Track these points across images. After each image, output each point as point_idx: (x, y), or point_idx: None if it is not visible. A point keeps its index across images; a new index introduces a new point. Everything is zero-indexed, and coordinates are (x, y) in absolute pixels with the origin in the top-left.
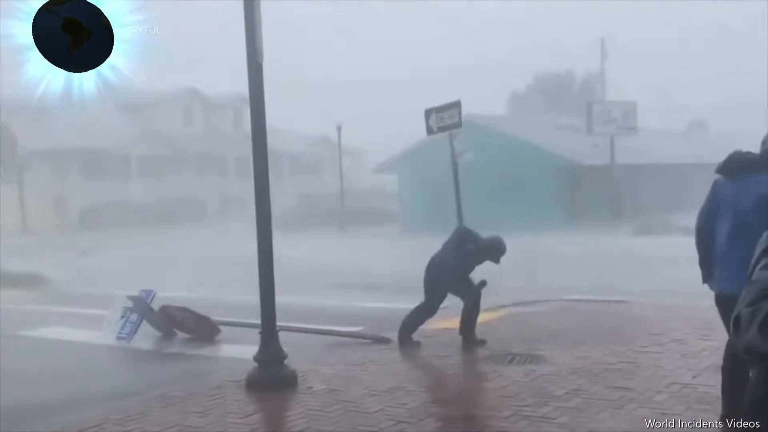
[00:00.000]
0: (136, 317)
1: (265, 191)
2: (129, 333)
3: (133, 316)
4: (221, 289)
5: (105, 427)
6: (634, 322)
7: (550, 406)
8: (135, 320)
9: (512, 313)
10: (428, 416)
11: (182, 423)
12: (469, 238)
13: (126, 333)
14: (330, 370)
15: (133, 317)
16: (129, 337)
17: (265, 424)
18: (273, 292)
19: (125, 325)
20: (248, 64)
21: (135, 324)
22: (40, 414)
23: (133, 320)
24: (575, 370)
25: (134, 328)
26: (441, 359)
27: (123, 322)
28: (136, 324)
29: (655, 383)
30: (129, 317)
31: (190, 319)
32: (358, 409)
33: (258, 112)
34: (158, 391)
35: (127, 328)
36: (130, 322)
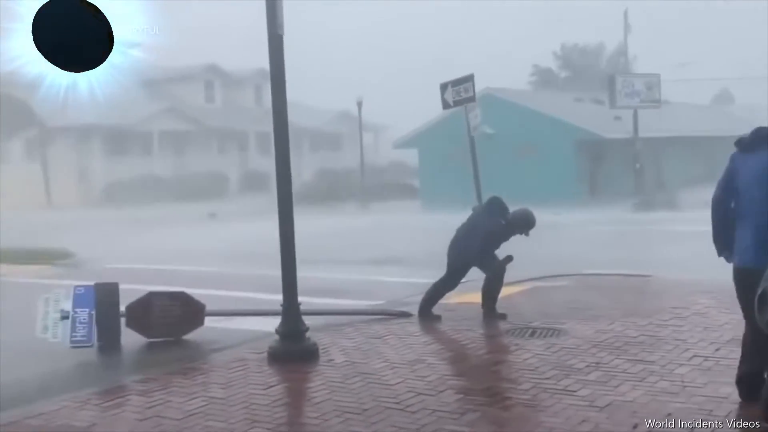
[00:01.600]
0: (86, 315)
1: (286, 165)
2: (86, 334)
3: (81, 315)
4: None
5: (129, 398)
6: (655, 296)
7: (571, 379)
8: (87, 319)
9: (533, 287)
10: (448, 388)
11: (205, 394)
12: (502, 209)
13: (82, 335)
14: (351, 343)
15: (81, 316)
16: (89, 339)
17: (286, 395)
18: (294, 266)
19: (75, 327)
20: (269, 36)
21: (88, 323)
22: (64, 387)
23: (83, 320)
24: (596, 343)
25: (89, 327)
26: (461, 332)
27: (70, 324)
28: (90, 323)
29: (676, 356)
30: (76, 317)
31: (176, 310)
32: (379, 382)
33: (278, 85)
34: (181, 363)
35: (80, 329)
36: (81, 323)
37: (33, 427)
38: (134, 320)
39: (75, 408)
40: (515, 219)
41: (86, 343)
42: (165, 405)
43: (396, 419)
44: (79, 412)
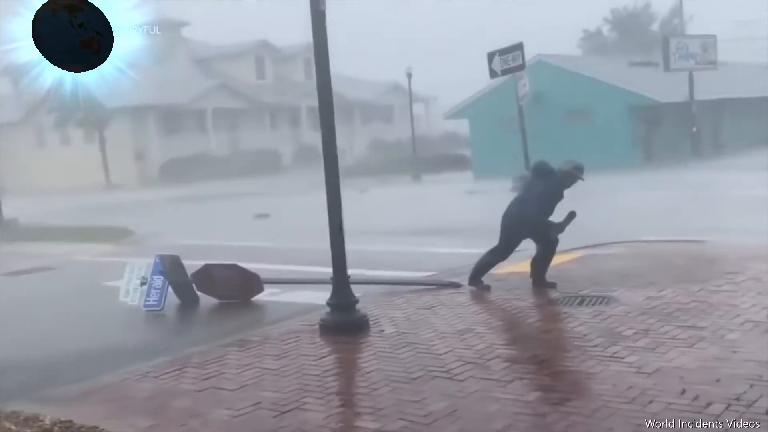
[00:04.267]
0: (160, 282)
1: (332, 140)
2: (158, 300)
3: (157, 282)
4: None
5: (186, 370)
6: (709, 262)
7: (619, 346)
8: (160, 285)
9: (585, 255)
10: (496, 357)
11: (259, 365)
12: (547, 170)
13: (155, 300)
14: (400, 314)
15: (156, 282)
16: (159, 304)
17: (337, 366)
18: (343, 237)
19: (150, 292)
20: (312, 12)
21: (161, 289)
22: (124, 359)
23: (157, 286)
24: (646, 310)
25: (162, 293)
26: (510, 302)
27: (146, 289)
28: (163, 289)
29: (727, 322)
30: (152, 283)
31: (233, 280)
32: (428, 351)
33: (322, 59)
34: (236, 336)
35: (153, 294)
36: (155, 288)
37: (97, 400)
38: (202, 285)
39: (135, 380)
40: (564, 170)
41: (156, 308)
42: (220, 377)
43: (444, 387)
44: (139, 384)
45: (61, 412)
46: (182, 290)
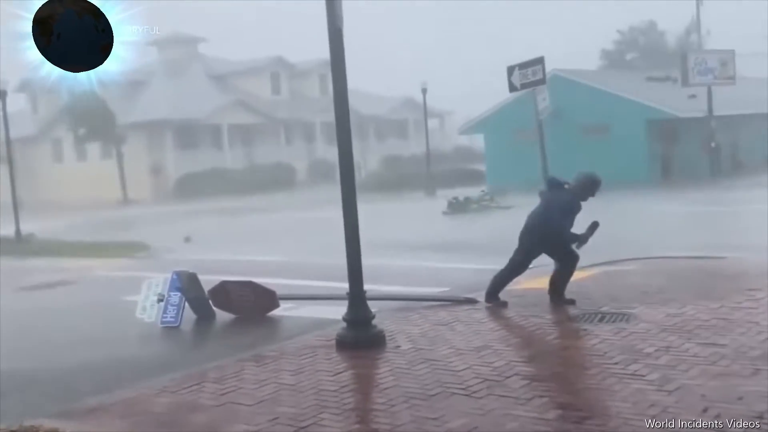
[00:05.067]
0: (177, 299)
1: (349, 156)
2: (175, 316)
3: (174, 298)
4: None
5: (204, 385)
6: (729, 279)
7: (640, 364)
8: (177, 302)
9: (603, 271)
10: (515, 374)
11: (276, 380)
12: (561, 183)
13: (171, 316)
14: (417, 329)
15: (173, 299)
16: (176, 320)
17: (354, 381)
18: (359, 253)
19: (167, 309)
20: (329, 29)
21: (178, 306)
22: (142, 373)
23: (174, 302)
24: (666, 327)
25: (179, 310)
26: (528, 319)
27: (163, 306)
28: (180, 305)
29: (749, 339)
30: (169, 299)
31: (248, 296)
32: (445, 368)
33: (339, 76)
34: (253, 351)
35: (170, 311)
36: (172, 305)
37: (114, 414)
38: (219, 302)
39: (152, 395)
40: (580, 182)
41: (173, 324)
42: (237, 392)
43: (462, 405)
44: (156, 399)
45: (80, 426)
46: (199, 306)
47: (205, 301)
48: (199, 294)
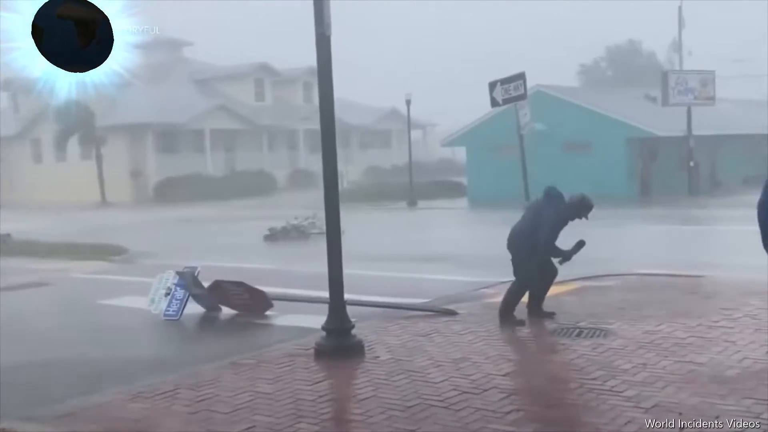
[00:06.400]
0: (181, 294)
1: (333, 166)
2: (177, 310)
3: (179, 293)
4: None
5: (179, 392)
6: (706, 297)
7: (617, 380)
8: (181, 297)
9: (582, 287)
10: (493, 387)
11: (253, 389)
12: (559, 196)
13: (174, 310)
14: (396, 340)
15: (178, 294)
16: (177, 314)
17: (332, 391)
18: (341, 263)
19: (171, 303)
20: (316, 36)
21: (181, 300)
22: (117, 378)
23: (178, 297)
24: (644, 344)
25: (181, 304)
26: (507, 332)
27: (168, 299)
28: (183, 300)
29: (726, 359)
30: (174, 294)
31: (243, 295)
32: (424, 379)
33: (326, 84)
34: (230, 358)
35: (173, 305)
36: (176, 299)
37: (86, 419)
38: (218, 298)
39: (126, 400)
40: (574, 201)
41: (174, 317)
42: (214, 399)
43: (440, 417)
44: (130, 405)
45: (53, 429)
46: (203, 301)
47: (207, 297)
48: (200, 291)
